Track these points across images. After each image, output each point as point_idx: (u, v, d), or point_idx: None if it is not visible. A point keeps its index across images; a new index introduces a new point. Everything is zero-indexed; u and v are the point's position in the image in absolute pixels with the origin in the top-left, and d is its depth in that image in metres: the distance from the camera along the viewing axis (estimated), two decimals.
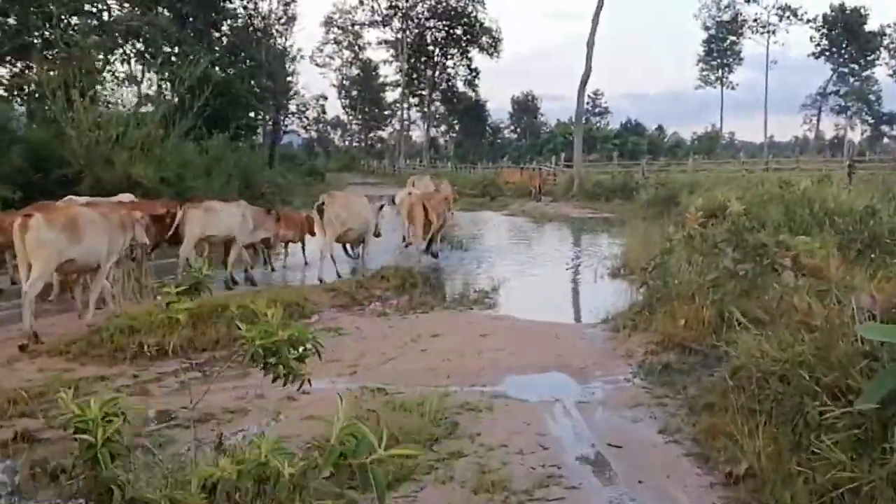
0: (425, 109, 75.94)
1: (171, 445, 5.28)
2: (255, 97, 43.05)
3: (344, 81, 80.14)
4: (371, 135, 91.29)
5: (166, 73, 29.95)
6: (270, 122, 49.08)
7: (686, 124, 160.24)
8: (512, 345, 8.20)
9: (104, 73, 23.01)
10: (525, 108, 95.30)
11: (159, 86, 40.34)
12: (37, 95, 20.91)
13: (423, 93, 74.78)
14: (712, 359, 6.82)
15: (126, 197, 12.43)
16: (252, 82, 41.86)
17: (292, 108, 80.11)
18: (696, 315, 7.71)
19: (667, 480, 4.68)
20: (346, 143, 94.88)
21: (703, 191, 20.33)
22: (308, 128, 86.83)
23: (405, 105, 74.78)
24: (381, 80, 79.23)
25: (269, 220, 12.75)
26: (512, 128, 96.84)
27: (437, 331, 8.87)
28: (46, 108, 18.25)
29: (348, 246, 14.22)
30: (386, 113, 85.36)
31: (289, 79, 54.20)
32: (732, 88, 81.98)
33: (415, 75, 73.02)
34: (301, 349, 3.31)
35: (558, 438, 5.46)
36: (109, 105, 20.29)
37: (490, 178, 41.10)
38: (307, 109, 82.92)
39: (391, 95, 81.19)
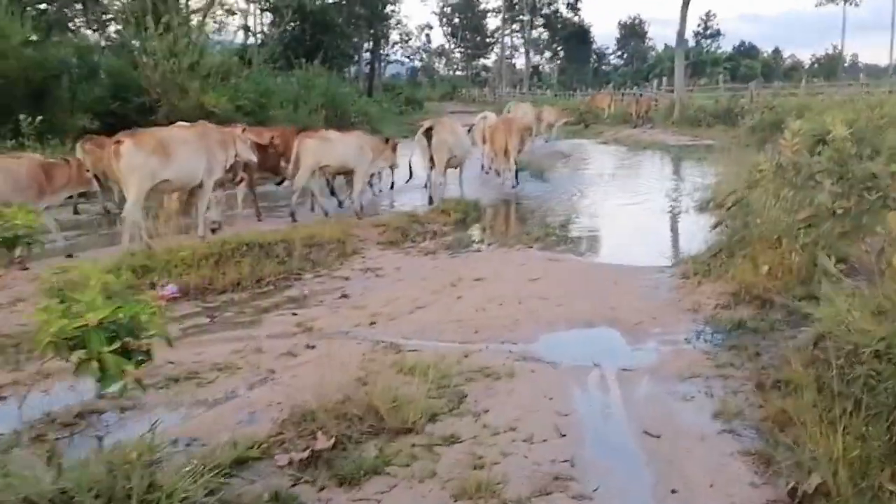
0: (526, 35, 72.88)
1: (135, 415, 4.43)
2: (351, 25, 42.08)
3: (445, 9, 77.95)
4: (474, 63, 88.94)
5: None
6: (368, 52, 48.05)
7: (805, 47, 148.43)
8: (561, 291, 7.00)
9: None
10: (632, 32, 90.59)
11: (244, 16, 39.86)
12: (116, 24, 20.39)
13: (525, 18, 71.72)
14: (798, 318, 5.46)
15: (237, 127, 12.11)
16: (346, 10, 40.84)
17: (395, 37, 79.24)
18: (781, 262, 6.31)
19: (708, 492, 3.49)
20: (451, 72, 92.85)
21: (813, 115, 18.09)
22: (412, 57, 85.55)
23: (506, 31, 72.10)
24: (483, 5, 76.61)
25: (388, 149, 12.02)
26: (618, 54, 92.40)
27: (482, 273, 7.76)
28: (123, 36, 17.72)
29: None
30: (488, 40, 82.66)
31: (390, 7, 52.82)
32: (856, 5, 74.69)
33: (515, 0, 70.04)
34: (137, 339, 2.22)
35: (582, 421, 4.30)
36: (192, 35, 19.41)
37: (586, 104, 38.63)
38: (410, 38, 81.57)
39: (493, 23, 78.68)
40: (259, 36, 40.45)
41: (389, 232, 9.76)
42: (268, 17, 40.69)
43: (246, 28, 37.79)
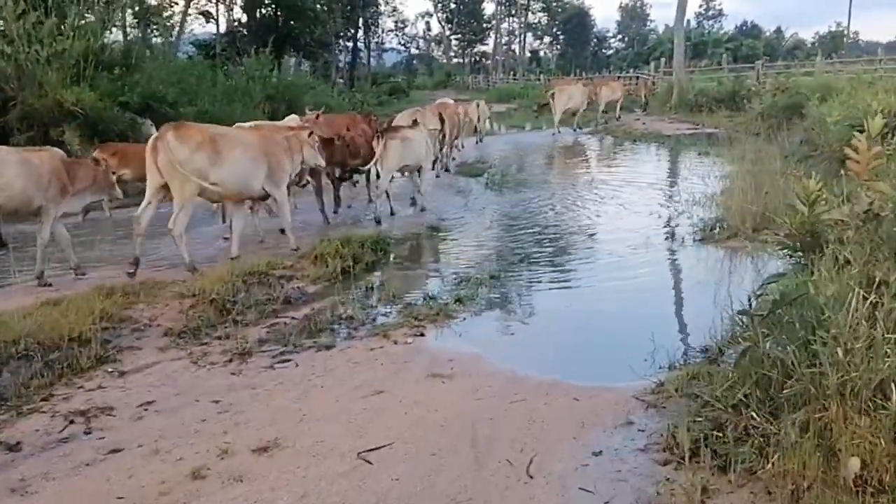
0: (523, 20, 68.52)
1: None
2: (326, 10, 38.02)
3: None
4: (472, 50, 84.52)
5: None
6: (349, 41, 43.92)
7: (807, 26, 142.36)
8: (430, 461, 3.20)
9: None
10: (633, 15, 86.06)
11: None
12: None
13: (522, 1, 67.33)
14: None
15: (292, 120, 10.99)
16: None
17: (390, 24, 75.03)
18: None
19: None
20: (448, 60, 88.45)
21: (842, 97, 14.03)
22: (408, 45, 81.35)
23: (501, 16, 67.70)
24: None
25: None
26: (619, 37, 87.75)
27: (288, 425, 3.89)
28: None
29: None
30: (486, 26, 78.16)
31: None
32: None
33: None
34: None
35: None
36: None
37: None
38: (406, 26, 77.39)
39: (490, 8, 74.27)
40: (223, 23, 36.50)
41: (201, 307, 5.87)
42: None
43: (206, 14, 33.78)
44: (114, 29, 20.83)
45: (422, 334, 5.34)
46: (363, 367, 4.76)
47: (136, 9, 27.86)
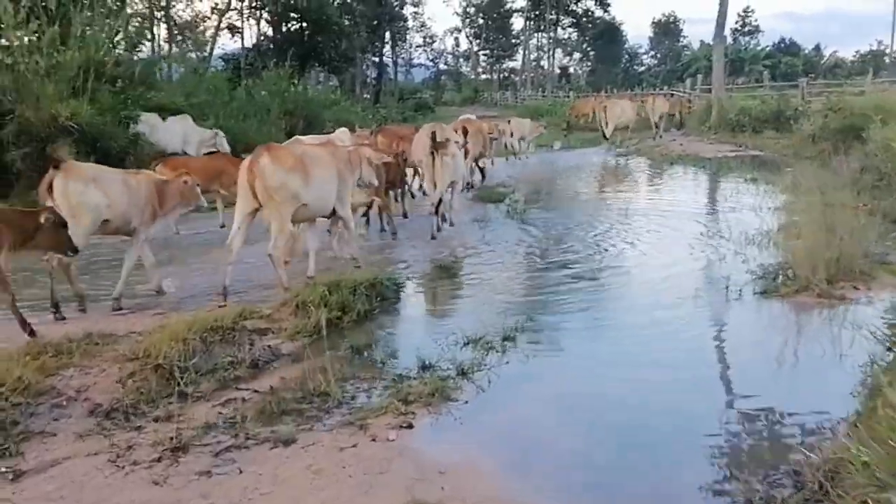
0: (551, 35, 67.41)
1: None
2: (351, 23, 37.25)
3: (468, 9, 72.58)
4: (501, 66, 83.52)
5: None
6: (376, 55, 43.02)
7: (846, 44, 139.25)
8: None
9: None
10: (666, 30, 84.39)
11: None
12: None
13: (551, 17, 66.21)
14: None
15: (343, 133, 11.07)
16: (345, 8, 35.99)
17: (418, 40, 74.45)
18: None
19: None
20: (476, 75, 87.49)
21: None
22: (436, 61, 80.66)
23: (530, 31, 66.67)
24: (508, 5, 71.18)
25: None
26: (651, 53, 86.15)
27: None
28: None
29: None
30: (514, 42, 77.12)
31: (411, 8, 47.66)
32: None
33: None
34: None
35: None
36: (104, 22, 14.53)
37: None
38: (434, 42, 76.78)
39: (519, 23, 73.24)
40: (251, 37, 36.01)
41: (143, 374, 4.73)
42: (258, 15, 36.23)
43: (233, 28, 33.18)
44: (146, 44, 20.15)
45: (409, 425, 4.12)
46: (325, 480, 3.57)
47: (171, 24, 27.41)
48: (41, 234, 5.57)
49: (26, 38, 12.44)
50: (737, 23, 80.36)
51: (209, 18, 35.24)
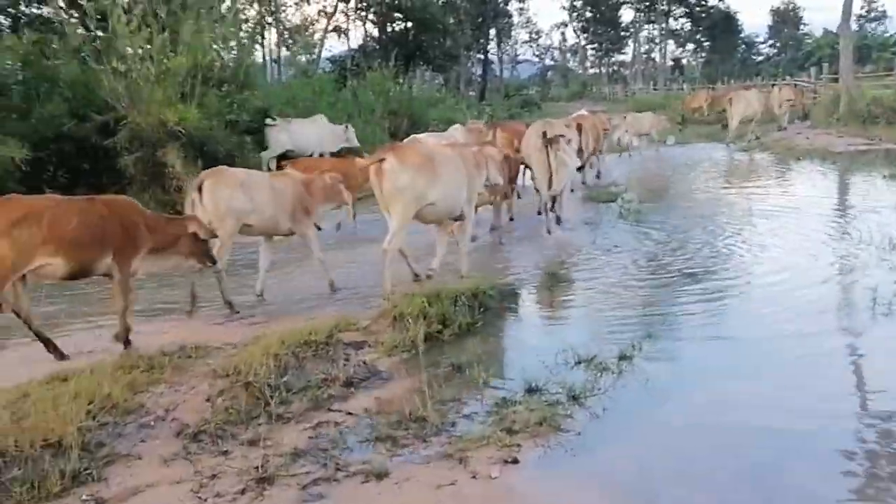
0: (663, 26, 65.14)
1: None
2: (455, 21, 37.06)
3: (575, 2, 71.06)
4: (610, 59, 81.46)
5: None
6: (481, 53, 42.66)
7: None
8: None
9: None
10: (785, 19, 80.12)
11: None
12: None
13: (663, 7, 63.97)
14: None
15: (456, 130, 11.50)
16: (450, 7, 35.81)
17: (524, 36, 73.74)
18: None
19: None
20: (584, 70, 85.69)
21: None
22: (542, 56, 79.67)
23: (640, 23, 64.67)
24: None
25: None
26: (770, 42, 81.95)
27: None
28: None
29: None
30: (623, 34, 75.03)
31: (516, 4, 47.13)
32: None
33: None
34: None
35: None
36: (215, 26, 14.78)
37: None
38: (540, 37, 75.83)
39: (628, 15, 71.22)
40: (357, 38, 36.49)
41: (233, 390, 4.49)
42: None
43: (338, 29, 33.63)
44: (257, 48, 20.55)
45: (514, 460, 3.68)
46: None
47: (282, 28, 28.08)
48: (183, 242, 5.75)
49: (139, 47, 12.71)
50: (862, 8, 75.46)
51: (317, 21, 35.86)
